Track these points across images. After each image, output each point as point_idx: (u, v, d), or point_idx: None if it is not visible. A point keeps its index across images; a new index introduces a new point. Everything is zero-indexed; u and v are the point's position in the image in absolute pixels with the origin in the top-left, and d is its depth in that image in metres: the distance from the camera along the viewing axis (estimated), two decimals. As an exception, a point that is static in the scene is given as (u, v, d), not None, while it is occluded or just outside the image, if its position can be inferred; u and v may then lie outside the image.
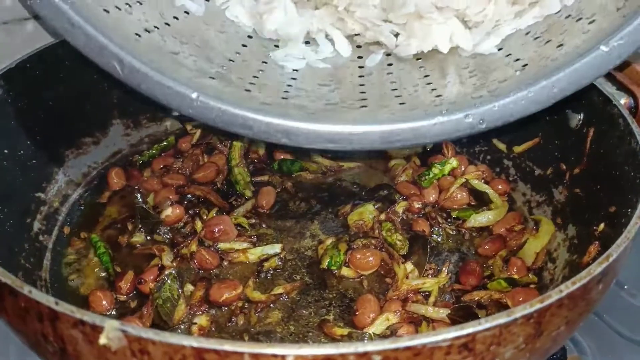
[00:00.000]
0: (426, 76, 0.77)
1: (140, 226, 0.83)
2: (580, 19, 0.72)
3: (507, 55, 0.75)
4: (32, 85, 0.85)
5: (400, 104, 0.73)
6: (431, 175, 0.90)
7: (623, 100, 0.85)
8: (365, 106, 0.73)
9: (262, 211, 0.89)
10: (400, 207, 0.87)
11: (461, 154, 0.95)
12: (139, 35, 0.72)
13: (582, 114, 0.82)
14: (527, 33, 0.77)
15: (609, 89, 0.82)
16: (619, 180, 0.73)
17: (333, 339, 0.70)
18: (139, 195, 0.89)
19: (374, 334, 0.70)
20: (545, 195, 0.87)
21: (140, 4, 0.76)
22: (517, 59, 0.74)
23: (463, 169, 0.92)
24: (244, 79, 0.75)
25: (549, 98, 0.68)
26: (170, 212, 0.84)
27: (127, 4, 0.74)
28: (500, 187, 0.90)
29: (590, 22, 0.70)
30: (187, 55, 0.74)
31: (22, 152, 0.83)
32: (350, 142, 0.69)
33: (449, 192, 0.88)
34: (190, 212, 0.86)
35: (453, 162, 0.91)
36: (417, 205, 0.87)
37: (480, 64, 0.77)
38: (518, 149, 0.92)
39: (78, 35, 0.67)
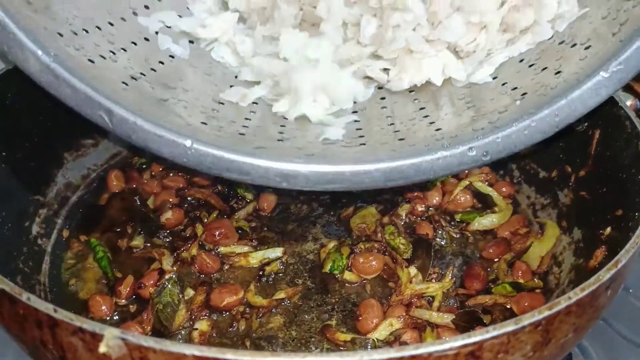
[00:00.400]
0: (422, 109, 0.76)
1: (139, 229, 0.83)
2: (575, 44, 0.71)
3: (504, 84, 0.74)
4: (30, 87, 0.84)
5: (400, 139, 0.71)
6: (434, 178, 0.89)
7: (629, 102, 0.84)
8: (364, 144, 0.71)
9: (263, 214, 0.88)
10: (403, 210, 0.86)
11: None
12: (126, 84, 0.69)
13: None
14: (521, 60, 0.75)
15: (614, 90, 0.81)
16: (625, 183, 0.72)
17: (336, 345, 0.70)
18: (138, 198, 0.88)
19: (377, 339, 0.69)
20: (550, 198, 0.86)
21: (125, 50, 0.74)
22: (515, 88, 0.72)
23: (467, 171, 0.91)
24: (236, 122, 0.73)
25: (551, 127, 0.66)
26: (170, 215, 0.84)
27: (111, 51, 0.72)
28: (504, 189, 0.89)
29: (586, 48, 0.69)
30: (176, 101, 0.72)
31: (20, 154, 0.82)
32: (352, 183, 0.66)
33: (453, 194, 0.87)
34: (190, 215, 0.85)
35: (456, 164, 0.90)
36: (420, 208, 0.86)
37: (476, 94, 0.75)
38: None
39: (63, 88, 0.64)
